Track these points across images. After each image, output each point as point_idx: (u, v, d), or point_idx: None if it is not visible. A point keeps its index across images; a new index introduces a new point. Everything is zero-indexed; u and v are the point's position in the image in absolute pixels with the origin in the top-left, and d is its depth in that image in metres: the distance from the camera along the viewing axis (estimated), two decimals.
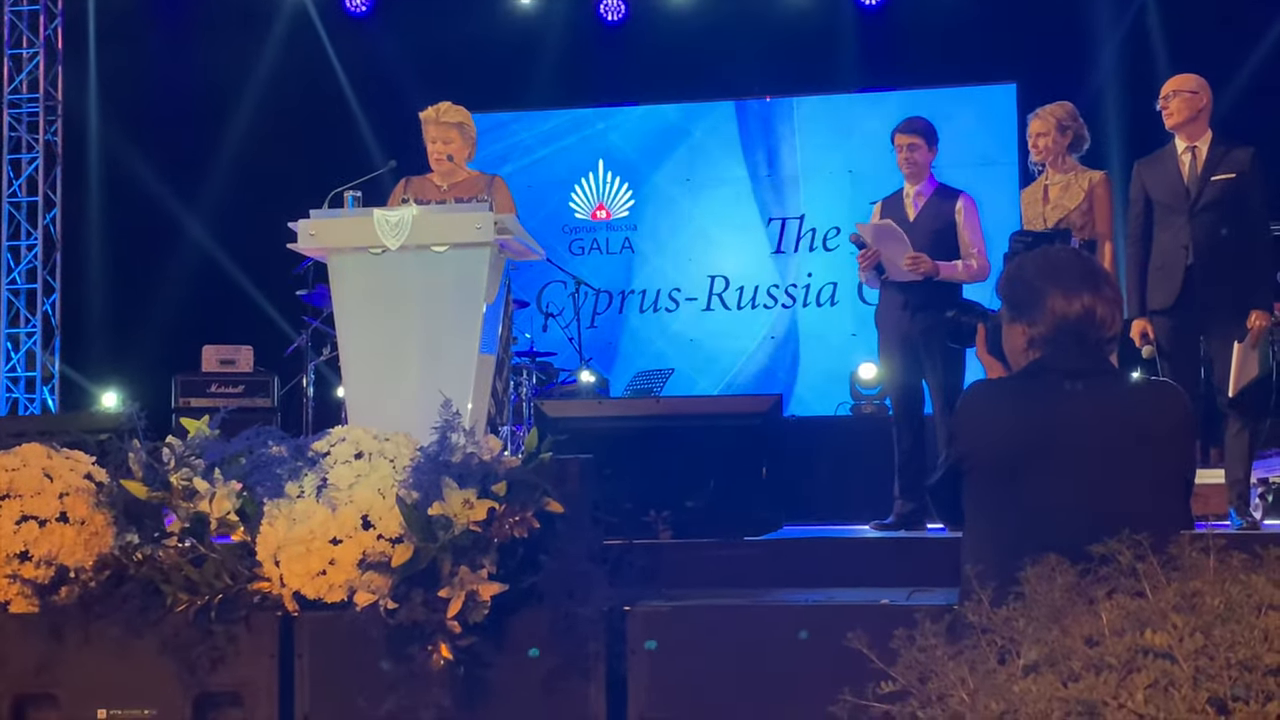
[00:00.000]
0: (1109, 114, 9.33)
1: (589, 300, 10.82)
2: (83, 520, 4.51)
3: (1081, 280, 3.35)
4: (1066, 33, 10.49)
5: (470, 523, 4.10)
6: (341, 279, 5.40)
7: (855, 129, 11.15)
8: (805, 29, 11.17)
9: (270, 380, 9.65)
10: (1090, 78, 10.06)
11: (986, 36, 10.72)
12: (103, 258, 11.10)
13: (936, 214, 6.50)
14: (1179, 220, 5.90)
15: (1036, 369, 3.31)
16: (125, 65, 11.07)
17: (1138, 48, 10.18)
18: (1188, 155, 6.01)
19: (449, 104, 6.32)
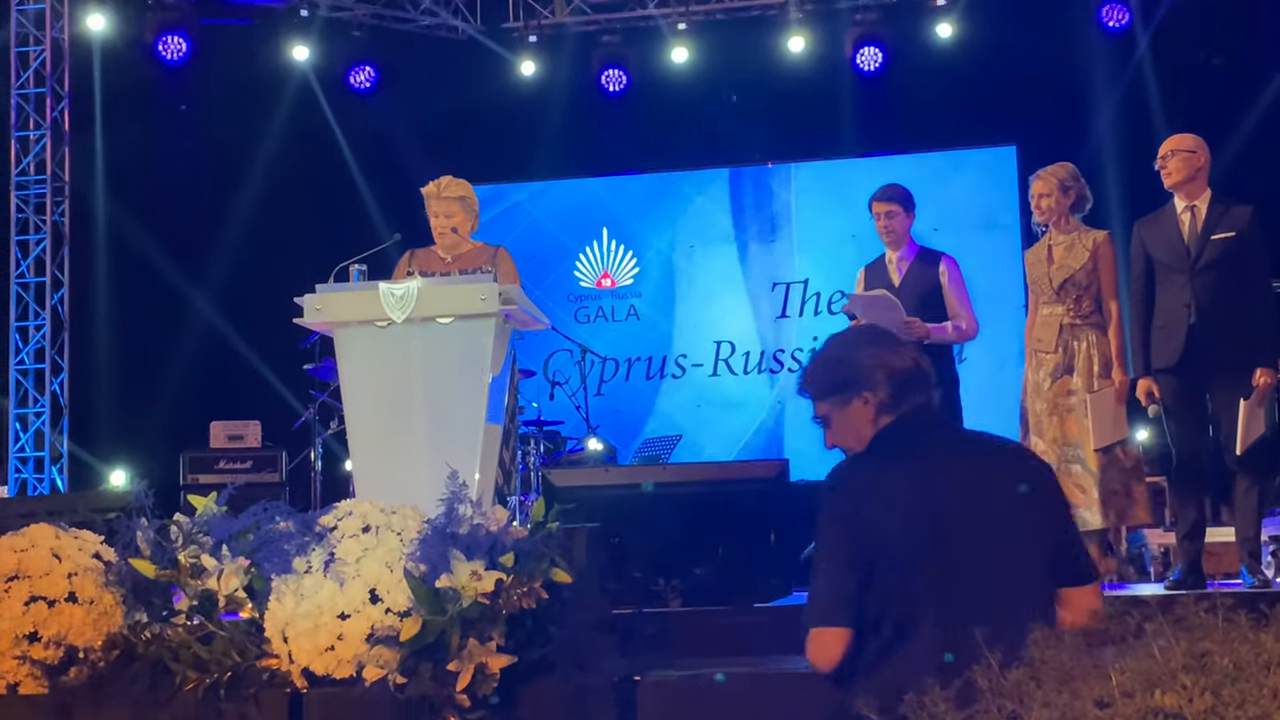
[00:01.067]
0: (1109, 173, 9.37)
1: (595, 368, 10.85)
2: (91, 600, 4.50)
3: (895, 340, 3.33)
4: (1064, 94, 10.57)
5: (478, 595, 4.09)
6: (348, 352, 5.42)
7: (857, 193, 11.12)
8: (805, 95, 11.26)
9: (278, 455, 9.66)
10: (1089, 138, 10.12)
11: (985, 99, 10.80)
12: (110, 336, 11.13)
13: (921, 278, 6.56)
14: (1180, 279, 5.92)
15: (901, 429, 3.21)
16: (131, 144, 11.16)
17: (1135, 107, 10.26)
18: (1187, 215, 6.03)
19: (450, 178, 6.37)
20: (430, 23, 11.69)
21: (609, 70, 11.53)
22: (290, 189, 11.27)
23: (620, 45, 11.57)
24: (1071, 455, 6.07)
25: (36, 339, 10.99)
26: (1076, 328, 6.20)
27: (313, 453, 9.34)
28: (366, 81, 11.52)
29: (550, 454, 9.39)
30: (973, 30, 11.01)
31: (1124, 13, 10.53)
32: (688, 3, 11.45)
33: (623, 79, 11.52)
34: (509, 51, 11.71)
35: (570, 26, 11.70)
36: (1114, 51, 10.64)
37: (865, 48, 11.10)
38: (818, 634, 3.08)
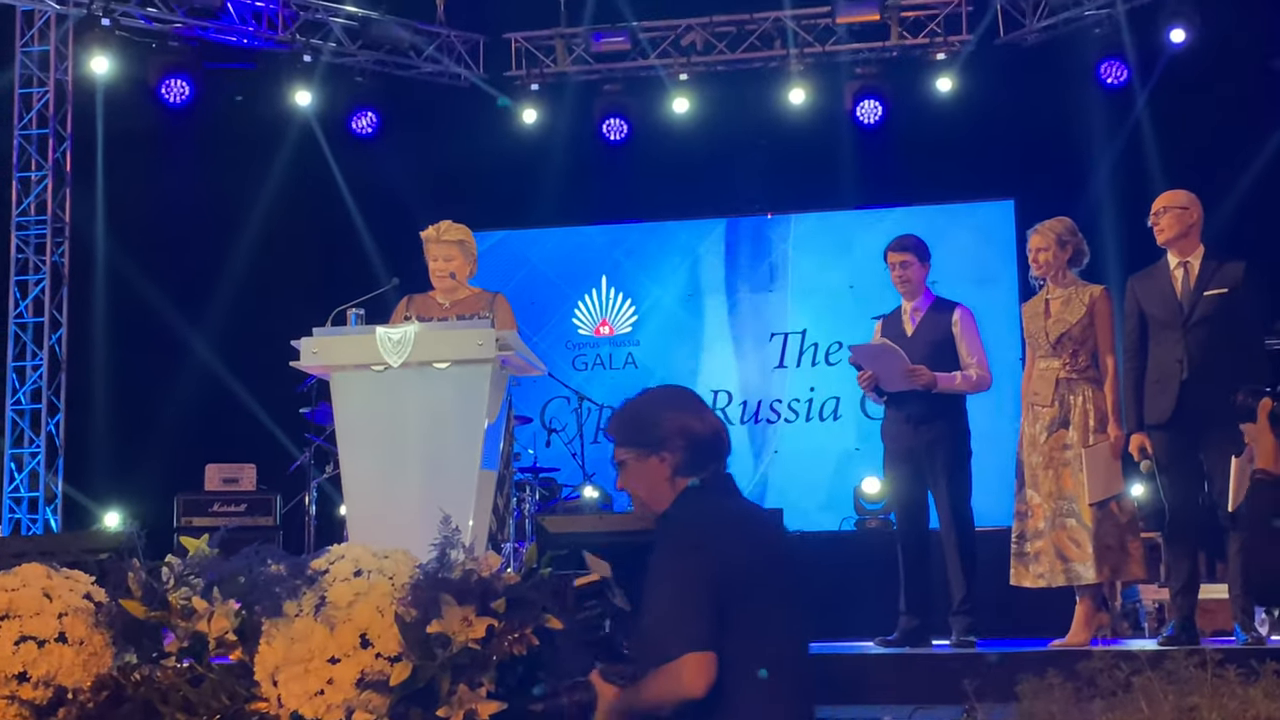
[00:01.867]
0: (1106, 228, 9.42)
1: (592, 416, 10.83)
2: (81, 640, 4.49)
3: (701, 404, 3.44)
4: (1063, 149, 10.64)
5: (469, 640, 4.08)
6: (344, 397, 5.43)
7: (855, 245, 11.27)
8: (805, 147, 11.32)
9: (273, 499, 9.64)
10: (1087, 193, 10.18)
11: (984, 153, 10.87)
12: (107, 378, 11.14)
13: (934, 327, 6.57)
14: (1173, 335, 5.95)
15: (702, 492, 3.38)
16: (133, 187, 11.20)
17: (1133, 163, 10.32)
18: (1180, 271, 6.07)
19: (449, 222, 6.41)
20: (433, 70, 11.77)
21: (610, 119, 11.58)
22: (290, 233, 11.31)
23: (621, 95, 11.64)
24: (1066, 509, 6.07)
25: (33, 379, 11.01)
26: (1073, 382, 6.22)
27: (307, 496, 9.33)
28: (368, 127, 11.57)
29: (545, 501, 9.38)
30: (972, 85, 11.08)
31: (1122, 69, 10.60)
32: (689, 54, 11.54)
33: (624, 128, 11.58)
34: (511, 100, 11.78)
35: (572, 75, 11.78)
36: (1112, 107, 10.71)
37: (865, 100, 11.17)
38: (692, 660, 3.19)
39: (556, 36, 11.74)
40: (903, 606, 6.45)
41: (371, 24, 11.35)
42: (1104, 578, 6.09)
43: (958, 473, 6.43)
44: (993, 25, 11.15)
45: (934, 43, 11.18)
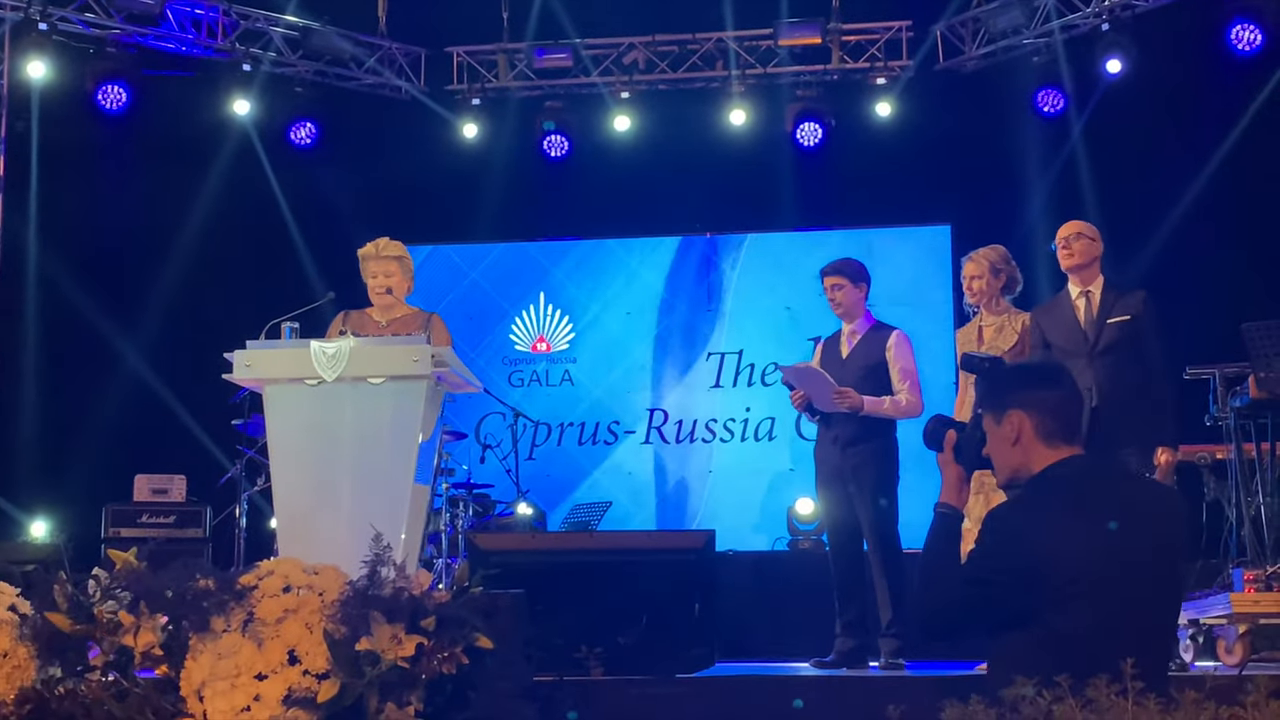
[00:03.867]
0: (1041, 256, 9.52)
1: (528, 432, 10.85)
2: (4, 653, 4.44)
3: None
4: (999, 176, 10.76)
5: (398, 658, 4.07)
6: (277, 410, 5.40)
7: (794, 267, 11.34)
8: (746, 167, 11.38)
9: (203, 511, 9.57)
10: (1022, 220, 10.29)
11: (922, 178, 10.98)
12: (37, 385, 10.99)
13: (868, 351, 6.63)
14: (1080, 364, 6.03)
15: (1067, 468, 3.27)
16: (67, 194, 11.06)
17: (1068, 191, 10.44)
18: (1082, 300, 6.18)
19: (387, 239, 6.41)
20: (374, 82, 11.74)
21: (551, 136, 11.59)
22: (227, 243, 11.22)
23: (563, 111, 11.65)
24: None
25: None
26: None
27: (238, 509, 9.26)
28: (307, 138, 11.51)
29: (479, 517, 9.37)
30: (911, 110, 11.19)
31: (1059, 98, 10.74)
32: (631, 72, 11.58)
33: (565, 145, 11.59)
34: (452, 114, 11.77)
35: (514, 91, 11.79)
36: (1048, 135, 10.84)
37: (805, 123, 11.24)
38: None
39: (499, 51, 11.75)
40: (838, 629, 6.49)
41: (312, 34, 11.30)
42: None
43: (883, 495, 6.48)
44: (933, 51, 11.28)
45: (874, 67, 11.29)
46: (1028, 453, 3.29)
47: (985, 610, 3.21)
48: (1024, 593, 3.11)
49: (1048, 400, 3.29)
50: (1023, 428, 3.28)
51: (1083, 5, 10.58)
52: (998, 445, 3.35)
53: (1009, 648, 3.18)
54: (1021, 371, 3.45)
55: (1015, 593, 3.13)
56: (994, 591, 3.17)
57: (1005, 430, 3.31)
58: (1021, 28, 10.88)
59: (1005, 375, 3.47)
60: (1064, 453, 3.27)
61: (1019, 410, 3.29)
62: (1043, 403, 3.28)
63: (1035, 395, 3.30)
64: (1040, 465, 3.27)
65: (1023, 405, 3.29)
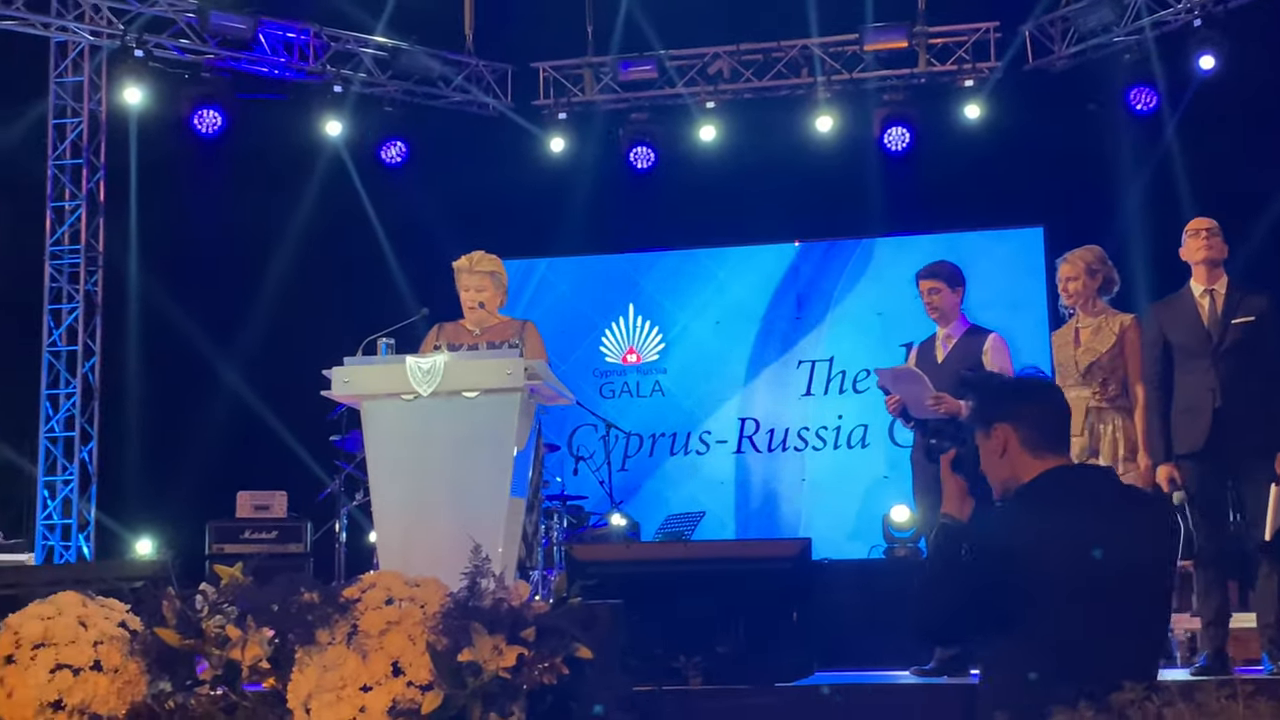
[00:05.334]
0: (1136, 256, 9.40)
1: (620, 443, 10.85)
2: (116, 668, 4.53)
3: None
4: (1092, 176, 10.62)
5: (499, 669, 4.10)
6: (374, 425, 5.47)
7: (884, 272, 11.28)
8: (833, 174, 11.33)
9: (303, 526, 9.70)
10: (1117, 220, 10.16)
11: (1013, 180, 10.86)
12: (140, 405, 11.21)
13: (965, 354, 6.54)
14: (1202, 364, 5.92)
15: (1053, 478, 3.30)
16: (165, 216, 11.30)
17: (1163, 190, 10.28)
18: (1206, 299, 6.05)
19: (482, 253, 6.45)
20: (461, 99, 11.85)
21: (637, 148, 11.62)
22: (321, 262, 11.38)
23: (648, 123, 11.68)
24: None
25: (67, 407, 11.10)
26: (1103, 411, 6.20)
27: (337, 524, 9.37)
28: (398, 157, 11.64)
29: (573, 528, 9.40)
30: (1000, 111, 11.08)
31: (1152, 96, 10.59)
32: (716, 82, 11.59)
33: (651, 156, 11.61)
34: (539, 128, 11.85)
35: (600, 104, 11.84)
36: (1142, 134, 10.69)
37: (893, 128, 11.17)
38: None
39: (584, 65, 11.81)
40: None
41: (401, 54, 11.44)
42: None
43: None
44: (1021, 52, 11.17)
45: (962, 69, 11.20)
46: (1015, 464, 3.37)
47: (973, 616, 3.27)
48: (1007, 599, 3.16)
49: (1032, 413, 3.37)
50: (1009, 440, 3.36)
51: (1174, 1, 10.44)
52: (987, 458, 3.44)
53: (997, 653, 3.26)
54: (1007, 386, 3.48)
55: (999, 599, 3.18)
56: (979, 598, 3.23)
57: (993, 443, 3.40)
58: (1111, 25, 10.75)
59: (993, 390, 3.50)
60: (1050, 463, 3.34)
61: (1005, 423, 3.37)
62: (1028, 415, 3.36)
63: (1020, 409, 3.38)
64: (1028, 476, 3.34)
65: (1008, 418, 3.37)
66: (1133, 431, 6.14)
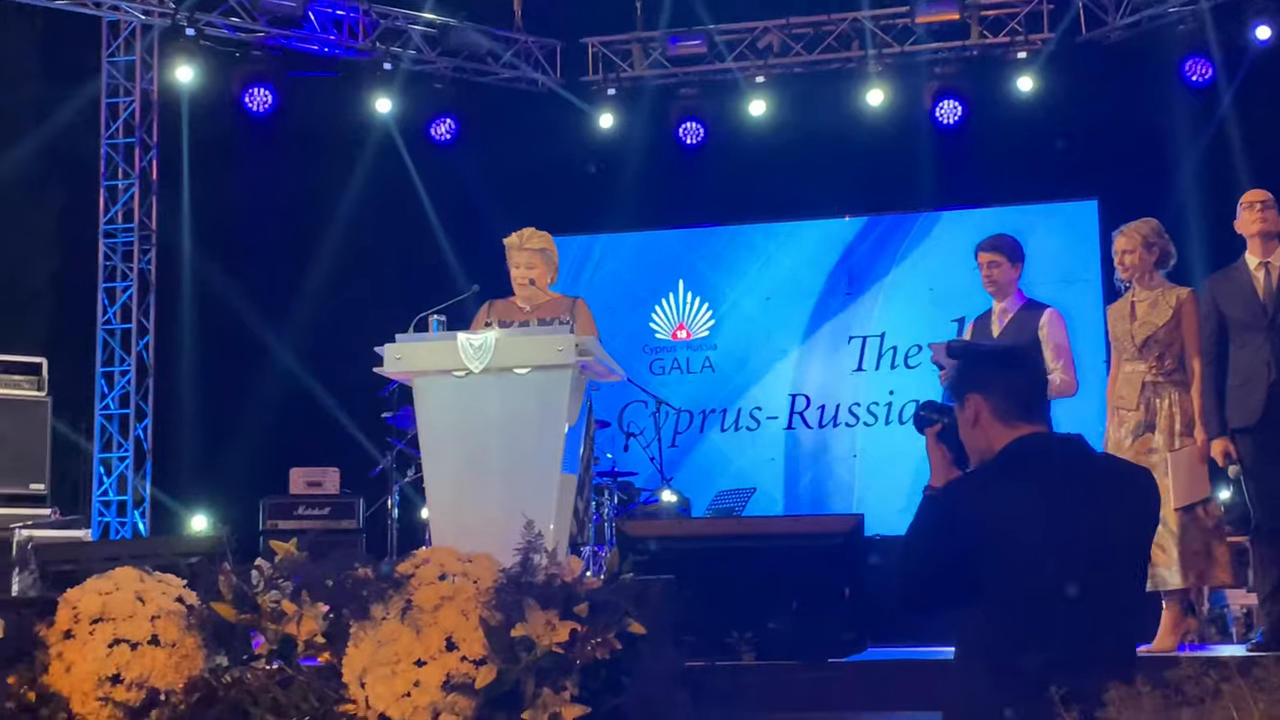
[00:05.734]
0: (1192, 229, 9.30)
1: (670, 420, 10.89)
2: (174, 643, 4.58)
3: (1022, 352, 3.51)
4: (1147, 148, 10.51)
5: (553, 644, 4.12)
6: (426, 402, 5.50)
7: (935, 247, 11.22)
8: (884, 148, 11.26)
9: (356, 502, 9.76)
10: (1172, 193, 10.04)
11: (1066, 153, 10.77)
12: (194, 383, 11.32)
13: (1021, 329, 6.50)
14: (1258, 337, 5.86)
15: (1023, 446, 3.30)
16: (218, 194, 11.39)
17: (1219, 162, 10.17)
18: (1261, 272, 6.00)
19: (532, 230, 6.45)
20: (511, 76, 11.85)
21: (686, 123, 11.61)
22: (372, 239, 11.45)
23: (698, 98, 11.66)
24: None
25: (121, 384, 11.21)
26: (1159, 385, 6.15)
27: (390, 500, 9.44)
28: (447, 134, 11.68)
29: (624, 505, 9.42)
30: (1054, 83, 10.98)
31: (1207, 67, 10.46)
32: (765, 56, 11.53)
33: (700, 132, 11.60)
34: (588, 104, 11.84)
35: (648, 80, 11.82)
36: (1197, 106, 10.57)
37: (945, 101, 11.10)
38: None
39: (633, 41, 11.79)
40: None
41: (450, 31, 11.46)
42: (1190, 583, 6.01)
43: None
44: (1074, 23, 11.05)
45: (1014, 41, 11.10)
46: (988, 434, 3.37)
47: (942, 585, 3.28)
48: (973, 567, 3.17)
49: (1003, 383, 3.37)
50: (980, 410, 3.37)
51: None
52: (963, 429, 3.45)
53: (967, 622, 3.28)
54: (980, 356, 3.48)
55: (965, 567, 3.19)
56: (947, 565, 3.24)
57: (967, 414, 3.41)
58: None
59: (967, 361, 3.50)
60: (1022, 430, 3.34)
61: (976, 393, 3.38)
62: (999, 385, 3.36)
63: (990, 378, 3.39)
64: (1000, 444, 3.35)
65: (979, 388, 3.38)
66: (1189, 406, 6.08)
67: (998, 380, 3.35)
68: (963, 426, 3.41)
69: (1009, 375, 3.37)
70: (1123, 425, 6.18)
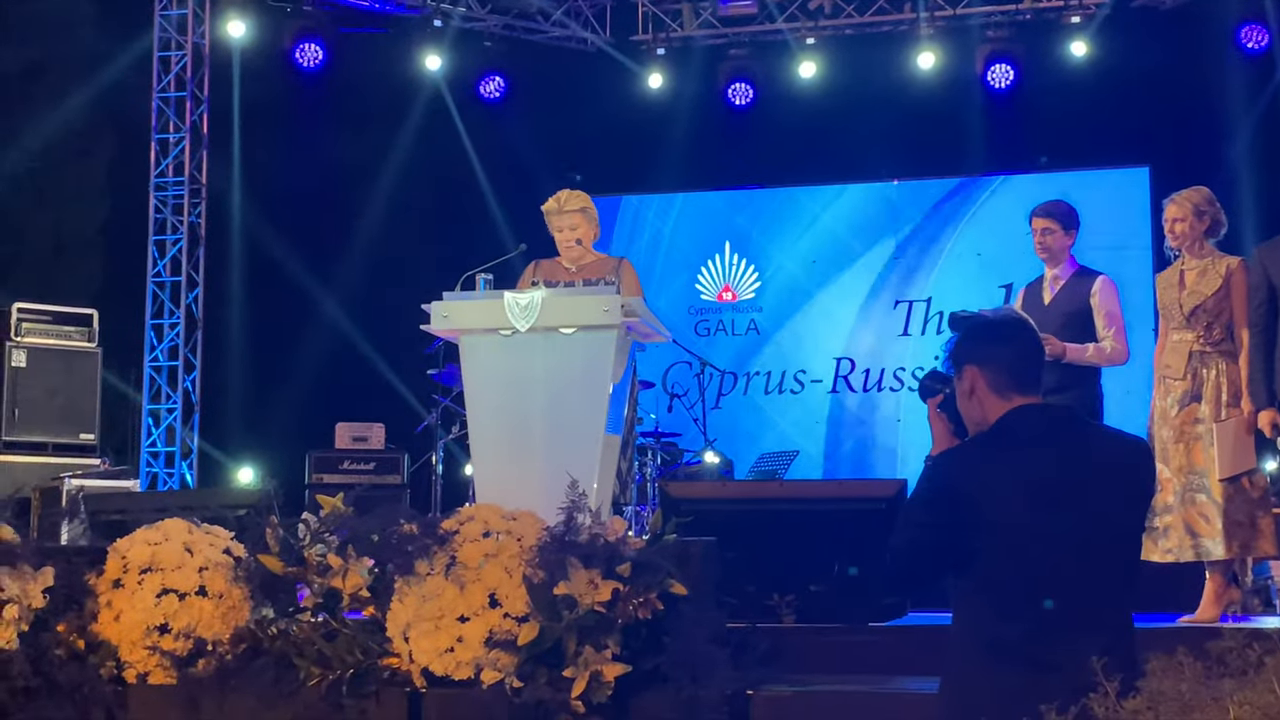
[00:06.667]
0: (1244, 198, 9.20)
1: (714, 381, 10.89)
2: (221, 594, 4.64)
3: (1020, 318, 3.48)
4: (1200, 116, 10.40)
5: (595, 603, 4.15)
6: (472, 359, 5.53)
7: (984, 212, 11.14)
8: (934, 111, 11.18)
9: (400, 458, 9.83)
10: (1224, 161, 9.94)
11: (1118, 119, 10.67)
12: (242, 336, 11.41)
13: (1072, 297, 6.44)
14: None
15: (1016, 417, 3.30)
16: (267, 149, 11.43)
17: (1272, 131, 10.05)
18: None
19: (568, 192, 6.45)
20: (560, 34, 11.82)
21: (736, 84, 11.57)
22: (420, 196, 11.48)
23: (747, 59, 11.61)
24: (1197, 484, 5.97)
25: (170, 337, 11.28)
26: (1206, 355, 6.10)
27: (434, 457, 9.49)
28: (496, 91, 11.69)
29: (667, 465, 9.44)
30: (1107, 49, 10.86)
31: (1263, 34, 10.33)
32: (817, 17, 11.46)
33: (749, 93, 11.56)
34: (637, 64, 11.81)
35: (698, 40, 11.77)
36: (1252, 74, 10.44)
37: (996, 65, 11.01)
38: None
39: (683, 1, 11.73)
40: None
41: None
42: (1234, 554, 5.98)
43: None
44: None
45: (1068, 6, 10.98)
46: (984, 405, 3.35)
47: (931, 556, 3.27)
48: (964, 537, 3.16)
49: (999, 354, 3.35)
50: (976, 382, 3.35)
51: None
52: (961, 400, 3.42)
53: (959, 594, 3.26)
54: (977, 327, 3.45)
55: (956, 537, 3.18)
56: (937, 535, 3.23)
57: (964, 385, 3.39)
58: None
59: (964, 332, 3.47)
60: (1017, 402, 3.32)
61: (972, 365, 3.36)
62: (994, 356, 3.34)
63: (986, 349, 3.36)
64: (995, 415, 3.33)
65: (975, 359, 3.36)
66: (1237, 376, 6.03)
67: (993, 352, 3.33)
68: (960, 397, 3.40)
69: (1005, 347, 3.35)
70: (1169, 394, 6.14)
